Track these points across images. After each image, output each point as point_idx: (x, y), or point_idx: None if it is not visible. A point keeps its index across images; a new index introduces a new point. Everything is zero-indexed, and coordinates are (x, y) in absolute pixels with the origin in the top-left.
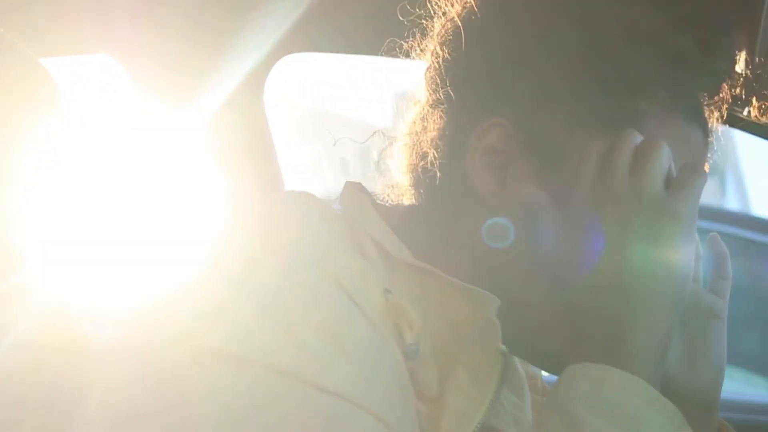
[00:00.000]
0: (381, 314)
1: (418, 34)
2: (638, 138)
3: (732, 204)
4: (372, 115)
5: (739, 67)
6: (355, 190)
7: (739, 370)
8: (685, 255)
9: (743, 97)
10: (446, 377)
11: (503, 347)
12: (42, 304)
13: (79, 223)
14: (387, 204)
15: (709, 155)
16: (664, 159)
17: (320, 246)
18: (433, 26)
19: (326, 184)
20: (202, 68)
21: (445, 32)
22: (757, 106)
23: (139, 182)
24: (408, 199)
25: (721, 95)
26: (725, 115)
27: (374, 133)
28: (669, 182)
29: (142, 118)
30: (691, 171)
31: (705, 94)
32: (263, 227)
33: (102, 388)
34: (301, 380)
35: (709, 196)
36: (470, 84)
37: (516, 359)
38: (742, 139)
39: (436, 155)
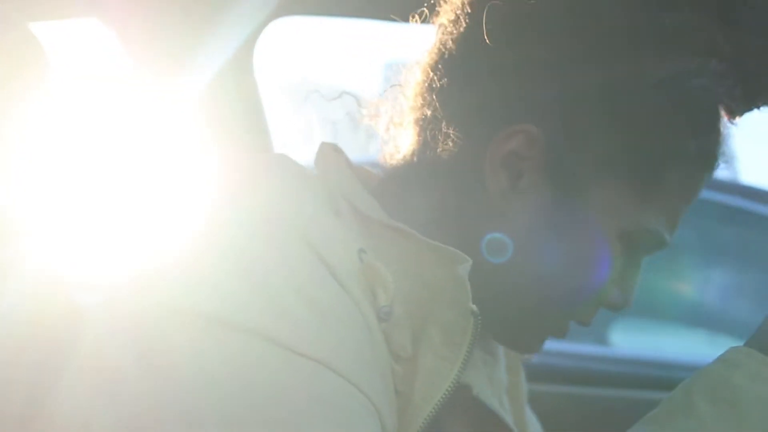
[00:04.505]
0: (354, 275)
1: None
2: None
3: (721, 172)
4: (361, 83)
5: None
6: (330, 150)
7: (732, 339)
8: None
9: None
10: (420, 337)
11: (474, 307)
12: (35, 272)
13: (71, 191)
14: (364, 167)
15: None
16: None
17: (294, 207)
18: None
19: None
20: (194, 30)
21: (487, 13)
22: None
23: (129, 151)
24: (401, 165)
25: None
26: None
27: (341, 93)
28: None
29: (133, 83)
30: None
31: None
32: (240, 191)
33: (90, 352)
34: (279, 344)
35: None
36: (512, 79)
37: None
38: None
39: (452, 138)
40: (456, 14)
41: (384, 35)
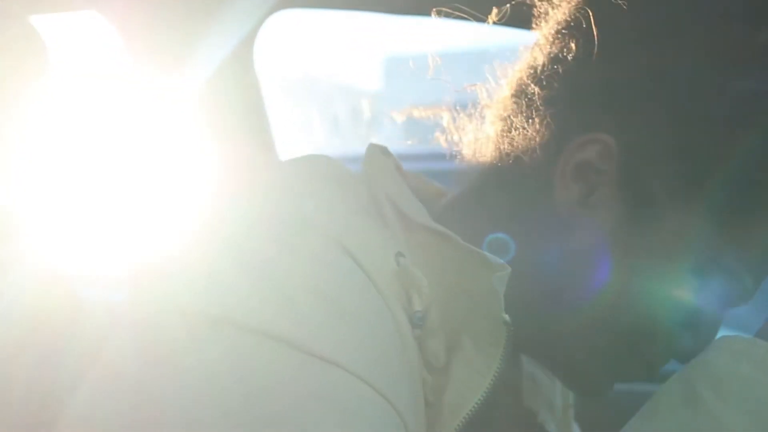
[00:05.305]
0: (389, 278)
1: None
2: None
3: None
4: (361, 78)
5: None
6: (378, 152)
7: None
8: None
9: None
10: (454, 347)
11: (506, 317)
12: (38, 269)
13: (71, 188)
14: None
15: None
16: None
17: (324, 208)
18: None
19: (318, 144)
20: (194, 25)
21: (580, 24)
22: None
23: (130, 147)
24: (473, 178)
25: None
26: None
27: (426, 111)
28: None
29: (133, 78)
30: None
31: None
32: (265, 192)
33: (95, 351)
34: (291, 345)
35: None
36: (597, 89)
37: None
38: None
39: (525, 144)
40: (550, 32)
41: (384, 29)
